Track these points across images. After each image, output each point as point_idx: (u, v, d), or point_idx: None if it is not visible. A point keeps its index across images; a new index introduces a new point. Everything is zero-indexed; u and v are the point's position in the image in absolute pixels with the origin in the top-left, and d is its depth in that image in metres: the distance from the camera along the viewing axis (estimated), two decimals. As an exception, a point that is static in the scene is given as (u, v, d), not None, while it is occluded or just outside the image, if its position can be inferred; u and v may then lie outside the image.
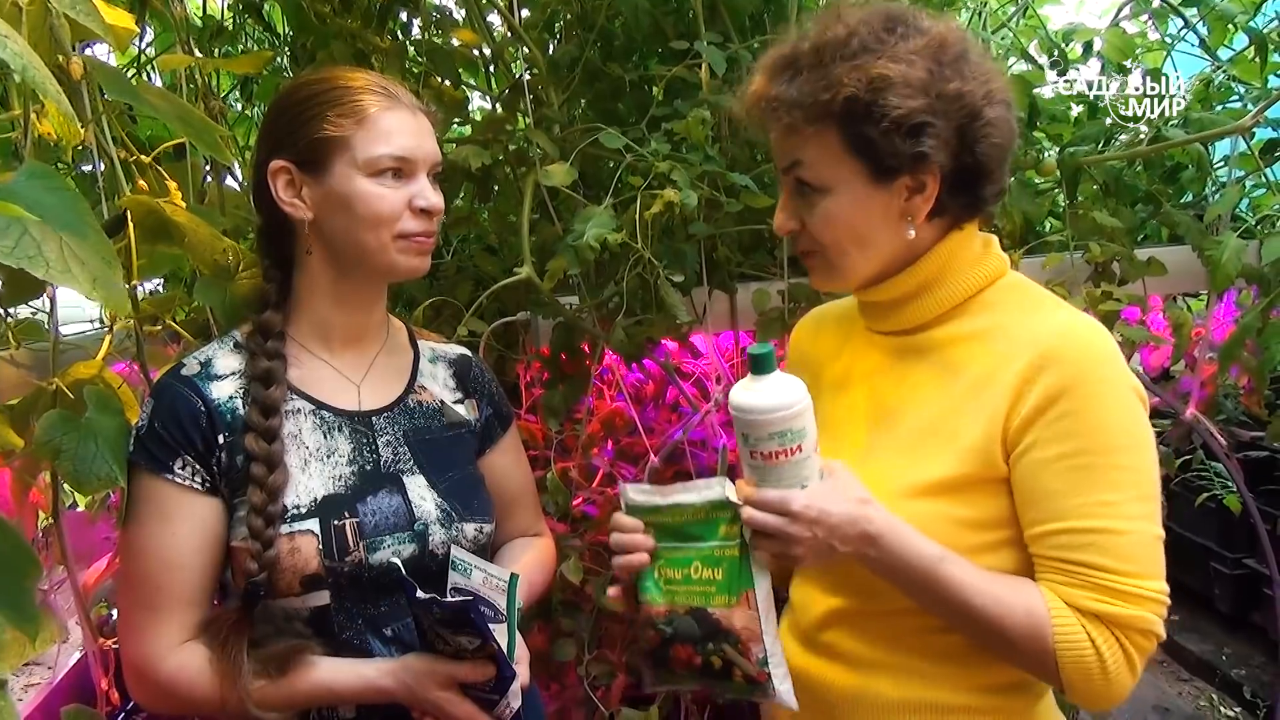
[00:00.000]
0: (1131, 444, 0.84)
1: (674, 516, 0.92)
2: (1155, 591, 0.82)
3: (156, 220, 1.02)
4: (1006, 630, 0.83)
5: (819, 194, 0.90)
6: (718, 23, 1.59)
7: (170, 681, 0.93)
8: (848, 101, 0.84)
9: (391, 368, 1.10)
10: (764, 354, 0.84)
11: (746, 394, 0.85)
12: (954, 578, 0.83)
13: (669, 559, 0.92)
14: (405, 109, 0.99)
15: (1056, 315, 0.89)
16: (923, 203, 0.88)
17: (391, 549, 0.99)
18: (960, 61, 0.86)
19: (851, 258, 0.92)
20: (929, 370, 0.93)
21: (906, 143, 0.84)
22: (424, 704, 0.95)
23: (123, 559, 0.96)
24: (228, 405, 0.97)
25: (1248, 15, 1.71)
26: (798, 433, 0.84)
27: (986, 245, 0.95)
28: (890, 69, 0.83)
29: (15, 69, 0.63)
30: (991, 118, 0.87)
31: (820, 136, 0.87)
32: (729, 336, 1.78)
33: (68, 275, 0.69)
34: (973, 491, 0.87)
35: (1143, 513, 0.83)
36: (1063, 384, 0.83)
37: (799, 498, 0.84)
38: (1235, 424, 2.32)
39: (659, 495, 0.93)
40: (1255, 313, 1.62)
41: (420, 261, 1.01)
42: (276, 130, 0.99)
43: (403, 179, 0.98)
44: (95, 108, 1.02)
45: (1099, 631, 0.81)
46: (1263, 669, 3.03)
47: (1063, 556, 0.83)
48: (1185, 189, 1.89)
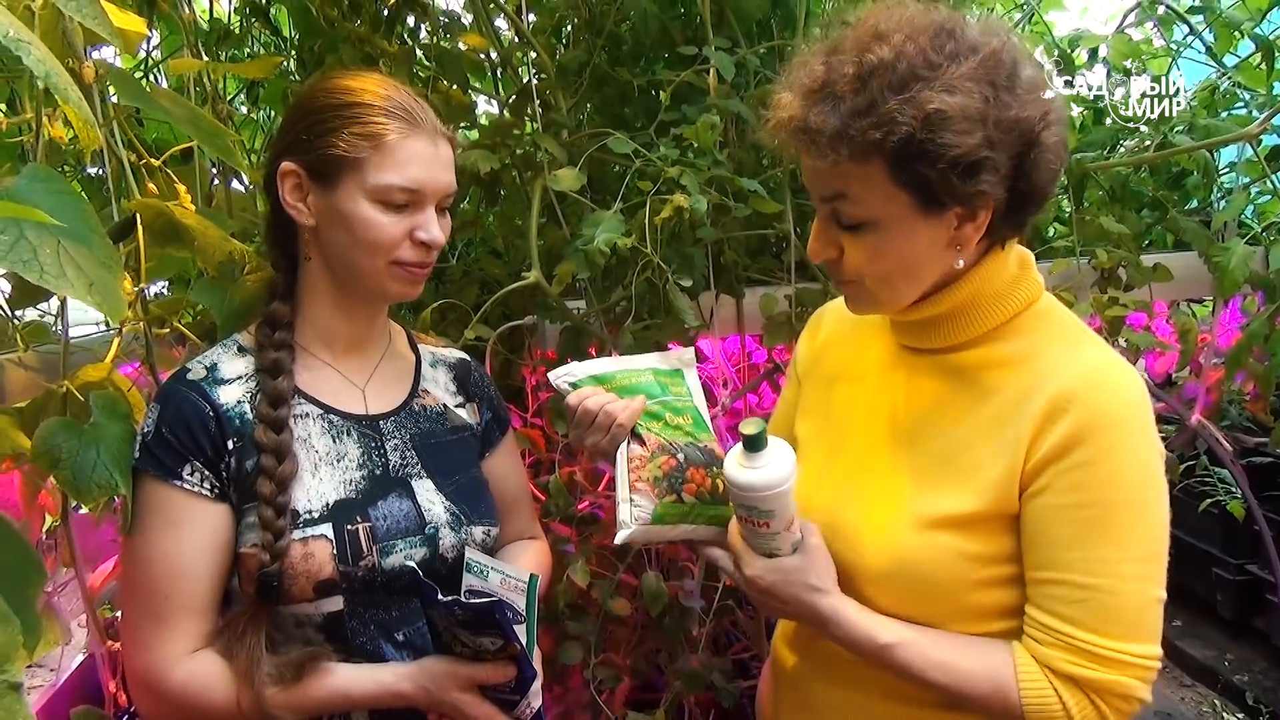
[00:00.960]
0: (1142, 500, 0.81)
1: (625, 380, 1.01)
2: (1139, 657, 0.80)
3: (166, 223, 1.01)
4: (968, 697, 0.84)
5: (863, 226, 0.84)
6: (725, 28, 1.59)
7: (180, 693, 0.91)
8: (903, 141, 0.76)
9: (395, 372, 1.10)
10: (755, 435, 0.85)
11: (732, 463, 0.88)
12: (904, 661, 0.85)
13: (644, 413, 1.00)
14: (424, 136, 0.97)
15: (1087, 353, 0.86)
16: (974, 231, 0.83)
17: (403, 553, 0.99)
18: (1015, 81, 0.80)
19: (896, 288, 0.87)
20: (955, 393, 0.91)
21: (964, 181, 0.78)
22: (443, 706, 0.94)
23: (127, 568, 0.94)
24: (236, 410, 0.97)
25: (1254, 22, 1.71)
26: (765, 513, 0.87)
27: (1024, 266, 0.91)
28: (947, 103, 0.76)
29: (39, 75, 0.63)
30: (1048, 143, 0.81)
31: (867, 171, 0.80)
32: (735, 341, 1.79)
33: (62, 280, 0.68)
34: (985, 527, 0.85)
35: (1142, 573, 0.81)
36: (1082, 431, 0.80)
37: (753, 566, 0.90)
38: (1239, 430, 2.33)
39: (594, 364, 1.03)
40: (1262, 319, 1.62)
41: (411, 289, 1.01)
42: (294, 132, 0.98)
43: (408, 209, 0.97)
44: (105, 111, 1.02)
45: (1070, 692, 0.81)
46: (1265, 675, 3.03)
47: (1051, 610, 0.82)
48: (1191, 195, 1.89)
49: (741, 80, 1.57)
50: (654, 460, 0.98)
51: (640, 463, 0.98)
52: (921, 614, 0.87)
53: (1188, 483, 2.73)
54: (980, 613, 0.87)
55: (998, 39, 0.80)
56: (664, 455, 0.98)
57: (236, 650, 0.92)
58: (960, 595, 0.86)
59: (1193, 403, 1.81)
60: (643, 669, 1.71)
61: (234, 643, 0.92)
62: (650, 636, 1.71)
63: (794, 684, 1.03)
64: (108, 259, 0.72)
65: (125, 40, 1.06)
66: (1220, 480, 2.71)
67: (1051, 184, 0.85)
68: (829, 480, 0.96)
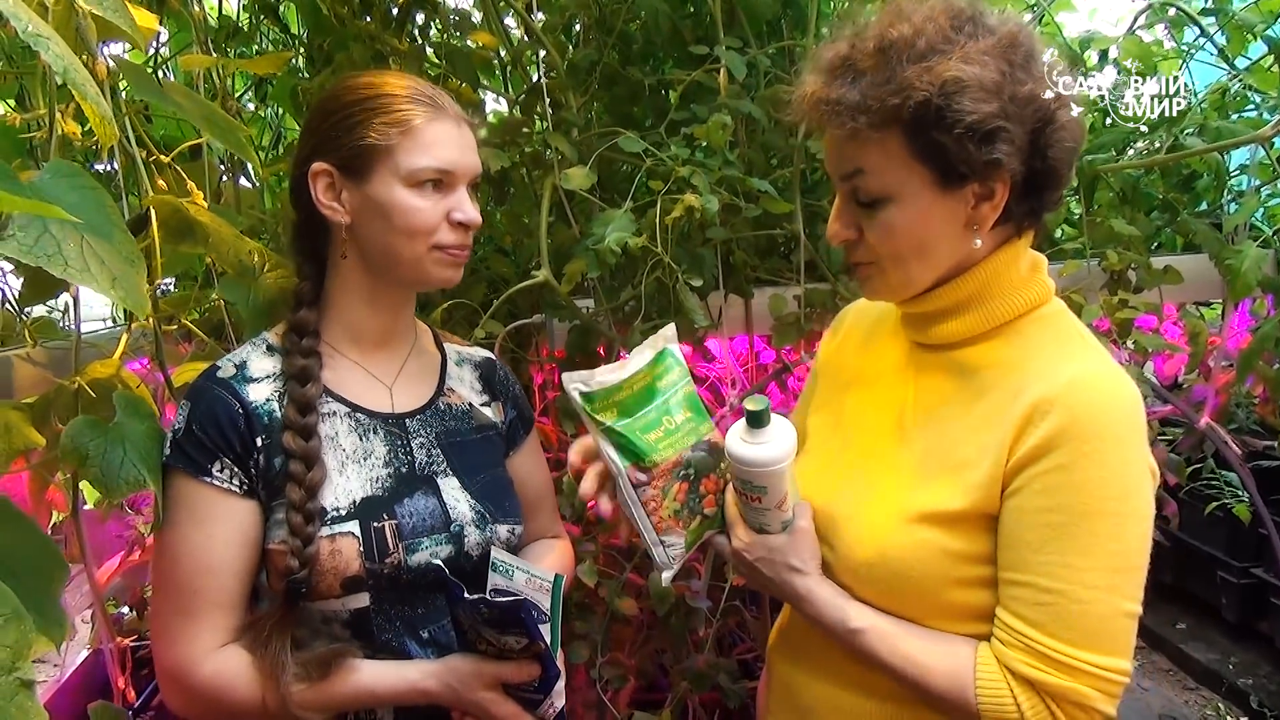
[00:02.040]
0: (1117, 511, 0.80)
1: (630, 388, 0.98)
2: (1100, 668, 0.80)
3: (181, 220, 1.02)
4: (927, 690, 0.86)
5: (881, 202, 0.85)
6: (736, 27, 1.59)
7: (207, 686, 0.92)
8: (919, 106, 0.79)
9: (421, 370, 1.10)
10: (758, 410, 0.87)
11: (734, 435, 0.90)
12: (870, 648, 0.88)
13: (644, 426, 0.96)
14: (450, 120, 0.99)
15: (1077, 360, 0.86)
16: (990, 210, 0.85)
17: (429, 550, 0.99)
18: (1030, 61, 0.82)
19: (910, 269, 0.88)
20: (957, 390, 0.91)
21: (980, 149, 0.80)
22: (468, 705, 0.95)
23: (158, 563, 0.95)
24: (265, 408, 0.97)
25: (1266, 24, 1.71)
26: (759, 488, 0.89)
27: (1035, 268, 0.92)
28: (964, 71, 0.78)
29: (58, 70, 0.63)
30: (1064, 121, 0.83)
31: (885, 142, 0.83)
32: (743, 340, 1.78)
33: (86, 274, 0.68)
34: (968, 526, 0.86)
35: (1110, 585, 0.80)
36: (1060, 435, 0.80)
37: (742, 538, 0.93)
38: (1247, 433, 2.32)
39: (605, 375, 0.98)
40: (1273, 323, 1.61)
41: (453, 273, 1.01)
42: (320, 132, 0.99)
43: (442, 190, 0.98)
44: (117, 107, 1.02)
45: (1026, 695, 0.81)
46: (1269, 678, 3.03)
47: (1014, 611, 0.83)
48: (1201, 197, 1.89)
49: (752, 80, 1.57)
50: (667, 494, 0.95)
51: (655, 504, 0.95)
52: (900, 608, 0.89)
53: (1194, 486, 2.73)
54: (957, 612, 0.88)
55: (1015, 24, 0.84)
56: (676, 482, 0.95)
57: (261, 654, 0.92)
58: (939, 592, 0.87)
59: (1201, 406, 1.81)
60: (648, 669, 1.71)
61: (259, 646, 0.93)
62: (656, 636, 1.71)
63: (781, 683, 1.04)
64: (130, 254, 0.72)
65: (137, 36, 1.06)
66: (1227, 483, 2.71)
67: (1068, 166, 0.86)
68: (831, 473, 0.98)
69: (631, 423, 0.94)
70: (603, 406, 0.95)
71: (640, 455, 0.93)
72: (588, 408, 0.95)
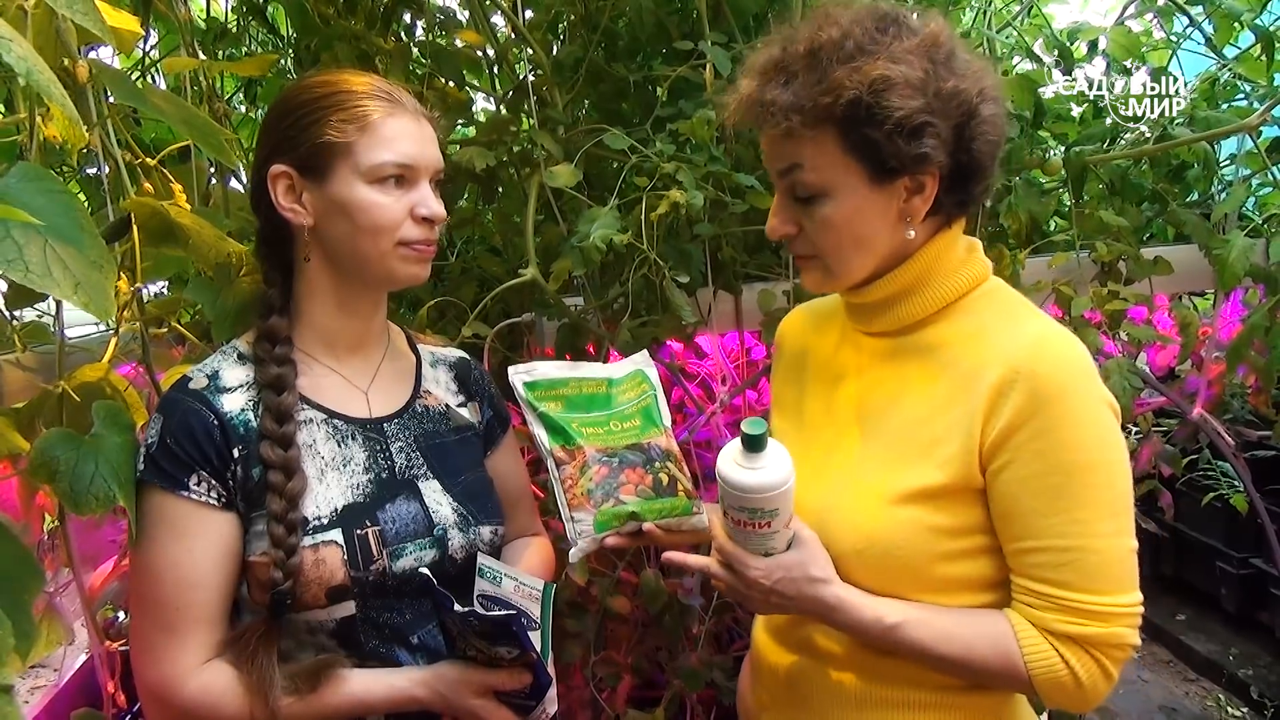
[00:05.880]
0: (1102, 460, 0.85)
1: (577, 387, 1.03)
2: (1126, 606, 0.85)
3: (161, 223, 1.01)
4: (975, 667, 0.88)
5: (818, 198, 0.89)
6: (722, 23, 1.58)
7: (193, 704, 0.90)
8: (850, 104, 0.83)
9: (396, 373, 1.09)
10: (757, 435, 0.86)
11: (730, 466, 0.88)
12: (911, 639, 0.88)
13: (585, 421, 1.02)
14: (408, 114, 0.98)
15: (1030, 326, 0.90)
16: (921, 203, 0.89)
17: (413, 555, 0.98)
18: (952, 59, 0.87)
19: (850, 261, 0.92)
20: (913, 372, 0.94)
21: (909, 144, 0.84)
22: (459, 712, 0.94)
23: (136, 581, 0.93)
24: (240, 418, 0.95)
25: (1254, 13, 1.70)
26: (769, 512, 0.88)
27: (970, 250, 0.96)
28: (891, 70, 0.83)
29: (20, 73, 0.62)
30: (986, 115, 0.88)
31: (819, 140, 0.87)
32: (734, 337, 1.78)
33: (48, 279, 0.67)
34: (950, 500, 0.89)
35: (1115, 529, 0.85)
36: (1035, 402, 0.84)
37: (757, 566, 0.90)
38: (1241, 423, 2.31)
39: (548, 369, 1.05)
40: (1263, 312, 1.61)
41: (420, 269, 1.00)
42: (277, 134, 0.97)
43: (404, 186, 0.97)
44: (100, 111, 1.02)
45: (1071, 651, 0.85)
46: (1269, 669, 3.03)
47: (1039, 577, 0.86)
48: (1191, 188, 1.88)
49: (738, 76, 1.56)
50: (585, 474, 0.98)
51: (571, 482, 0.99)
52: (891, 589, 0.90)
53: (1190, 476, 2.72)
54: (947, 585, 0.90)
55: (939, 26, 0.88)
56: (596, 466, 0.99)
57: (247, 668, 0.91)
58: (928, 568, 0.89)
59: (1194, 396, 1.80)
60: (643, 667, 1.71)
61: (245, 661, 0.91)
62: (650, 634, 1.71)
63: (774, 672, 1.04)
64: (98, 258, 0.71)
65: (120, 40, 1.06)
66: (1223, 474, 2.71)
67: (992, 159, 0.91)
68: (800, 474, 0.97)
69: (571, 416, 1.01)
70: (545, 396, 1.02)
71: (569, 438, 1.00)
72: (529, 395, 1.02)
